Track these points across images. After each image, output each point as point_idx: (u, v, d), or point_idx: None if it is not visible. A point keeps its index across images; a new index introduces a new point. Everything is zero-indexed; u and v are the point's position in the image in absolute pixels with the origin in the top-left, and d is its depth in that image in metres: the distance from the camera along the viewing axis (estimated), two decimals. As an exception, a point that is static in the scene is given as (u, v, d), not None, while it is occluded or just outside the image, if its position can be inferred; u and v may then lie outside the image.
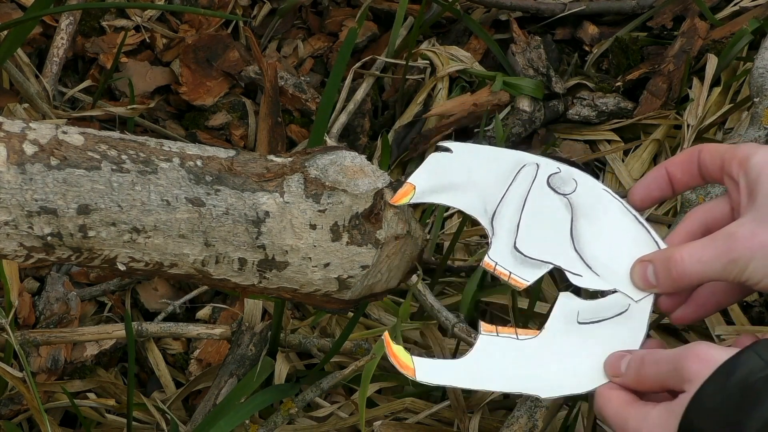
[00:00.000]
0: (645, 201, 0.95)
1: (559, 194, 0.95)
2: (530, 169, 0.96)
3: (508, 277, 0.93)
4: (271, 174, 0.90)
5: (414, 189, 0.94)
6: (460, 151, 0.97)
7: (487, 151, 0.97)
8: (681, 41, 1.72)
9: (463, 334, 1.27)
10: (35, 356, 1.37)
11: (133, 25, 1.78)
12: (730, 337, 1.34)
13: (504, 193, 0.95)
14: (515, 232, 0.94)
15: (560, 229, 0.94)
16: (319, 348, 1.35)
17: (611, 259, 0.93)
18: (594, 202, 0.95)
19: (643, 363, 0.87)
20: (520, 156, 0.97)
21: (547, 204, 0.95)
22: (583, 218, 0.94)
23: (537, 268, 0.93)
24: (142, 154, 0.87)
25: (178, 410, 1.38)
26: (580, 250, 0.94)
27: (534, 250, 0.94)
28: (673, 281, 0.89)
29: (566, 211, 0.95)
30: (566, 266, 0.93)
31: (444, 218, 1.56)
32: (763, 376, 0.79)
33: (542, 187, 0.95)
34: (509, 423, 1.17)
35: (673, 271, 0.89)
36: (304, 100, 1.69)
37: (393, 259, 0.94)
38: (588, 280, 0.93)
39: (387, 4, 1.83)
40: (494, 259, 0.94)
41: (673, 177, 0.94)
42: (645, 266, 0.91)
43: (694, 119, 1.61)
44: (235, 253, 0.89)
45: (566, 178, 0.96)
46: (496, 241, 0.94)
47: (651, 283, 0.91)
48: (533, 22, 1.80)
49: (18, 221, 0.84)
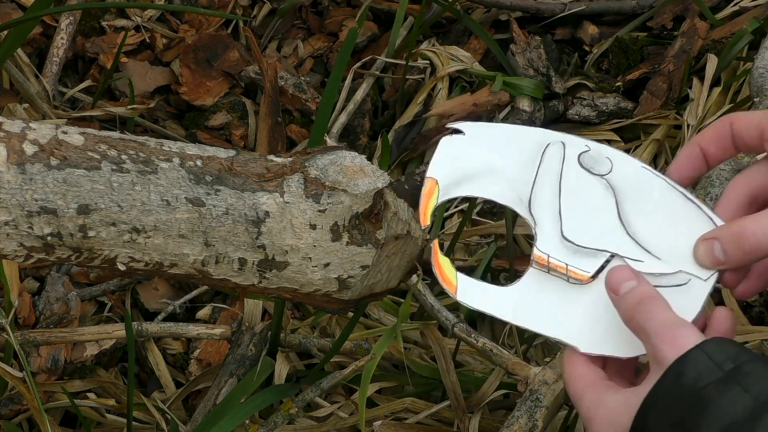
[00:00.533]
0: (682, 181, 0.91)
1: (595, 175, 0.89)
2: (557, 148, 0.90)
3: (566, 270, 0.87)
4: (271, 174, 0.90)
5: (437, 184, 0.90)
6: (475, 132, 0.91)
7: (504, 131, 0.91)
8: (681, 41, 1.72)
9: (463, 334, 1.27)
10: (35, 356, 1.37)
11: (133, 25, 1.78)
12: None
13: (534, 177, 0.89)
14: (559, 219, 0.88)
15: (607, 213, 0.88)
16: (319, 348, 1.35)
17: (669, 241, 0.87)
18: (636, 181, 0.89)
19: (640, 305, 0.83)
20: (542, 134, 0.91)
21: (585, 186, 0.89)
22: (629, 200, 0.88)
23: (593, 257, 0.87)
24: (142, 154, 0.87)
25: (178, 410, 1.38)
26: (634, 234, 0.88)
27: (585, 238, 0.88)
28: (744, 255, 0.85)
29: (608, 193, 0.89)
30: (624, 253, 0.87)
31: (444, 218, 1.56)
32: (713, 381, 0.76)
33: (575, 168, 0.89)
34: (509, 423, 1.17)
35: (746, 245, 0.85)
36: (304, 100, 1.69)
37: (393, 259, 0.94)
38: (650, 264, 0.87)
39: (387, 4, 1.83)
40: (545, 251, 0.88)
41: (707, 152, 0.90)
42: (711, 243, 0.87)
43: (694, 119, 1.61)
44: (235, 253, 0.89)
45: (598, 158, 0.90)
46: (541, 231, 0.88)
47: (719, 260, 0.87)
48: (533, 22, 1.80)
49: (18, 221, 0.84)
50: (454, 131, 0.91)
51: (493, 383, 1.30)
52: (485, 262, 1.43)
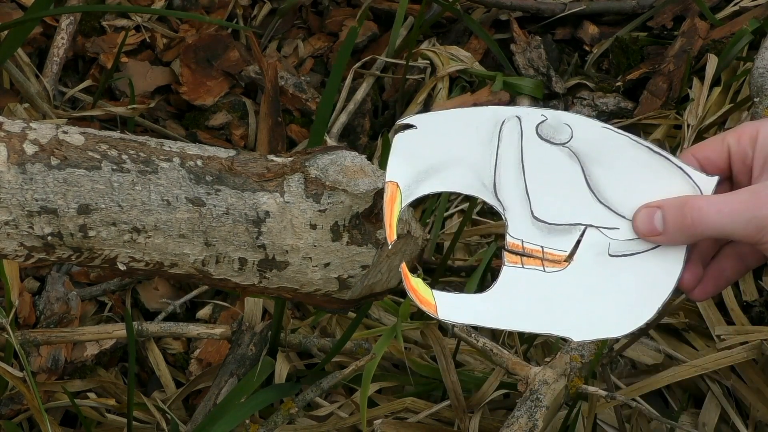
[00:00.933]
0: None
1: (557, 144, 0.85)
2: (512, 123, 0.85)
3: (542, 253, 0.84)
4: (272, 174, 0.90)
5: (398, 187, 0.86)
6: (426, 123, 0.86)
7: (456, 116, 0.86)
8: (681, 41, 1.72)
9: (464, 334, 1.27)
10: (35, 356, 1.37)
11: (133, 25, 1.78)
12: (730, 336, 1.34)
13: (495, 159, 0.85)
14: (527, 200, 0.85)
15: (574, 183, 0.85)
16: (320, 348, 1.35)
17: (643, 200, 0.85)
18: (599, 144, 0.85)
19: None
20: (493, 111, 0.86)
21: (547, 159, 0.85)
22: (595, 165, 0.85)
23: (568, 233, 0.84)
24: (142, 153, 0.87)
25: (179, 410, 1.38)
26: (605, 200, 0.85)
27: (556, 214, 0.85)
28: (684, 229, 0.83)
29: (572, 161, 0.85)
30: (598, 222, 0.84)
31: (444, 218, 1.56)
32: None
33: (534, 141, 0.85)
34: (509, 423, 1.16)
35: (688, 218, 0.83)
36: (304, 99, 1.69)
37: (393, 258, 0.94)
38: (626, 231, 0.85)
39: (387, 3, 1.83)
40: (518, 237, 0.85)
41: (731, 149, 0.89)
42: (652, 211, 0.85)
43: (694, 119, 1.61)
44: (235, 252, 0.89)
45: (557, 125, 0.85)
46: (511, 216, 0.85)
47: (656, 230, 0.84)
48: (533, 22, 1.80)
49: (18, 221, 0.84)
50: (406, 126, 0.86)
51: (493, 383, 1.30)
52: (485, 262, 1.43)
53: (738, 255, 0.88)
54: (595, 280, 0.84)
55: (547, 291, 0.85)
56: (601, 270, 0.85)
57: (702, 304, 1.40)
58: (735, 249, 0.88)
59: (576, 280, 0.85)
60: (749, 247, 0.86)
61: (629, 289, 0.84)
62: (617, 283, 0.84)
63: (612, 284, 0.84)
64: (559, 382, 1.17)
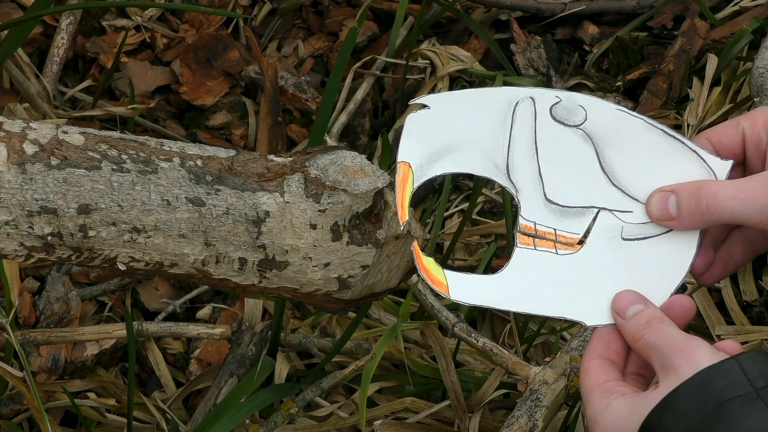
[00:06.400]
0: None
1: (570, 126, 0.85)
2: (526, 104, 0.85)
3: (555, 236, 0.84)
4: (272, 174, 0.90)
5: (410, 168, 0.85)
6: (439, 103, 0.85)
7: (470, 96, 0.86)
8: (681, 41, 1.72)
9: (464, 334, 1.27)
10: (35, 356, 1.37)
11: (133, 25, 1.78)
12: (730, 336, 1.34)
13: (508, 141, 0.85)
14: (540, 182, 0.84)
15: (588, 165, 0.84)
16: (320, 348, 1.35)
17: (657, 184, 0.84)
18: (613, 126, 0.84)
19: (649, 326, 0.81)
20: (508, 93, 0.85)
21: (561, 141, 0.84)
22: (609, 147, 0.84)
23: (581, 216, 0.84)
24: (142, 153, 0.87)
25: (179, 410, 1.38)
26: (619, 183, 0.84)
27: (569, 196, 0.84)
28: (699, 215, 0.82)
29: (586, 144, 0.84)
30: (612, 206, 0.84)
31: (444, 218, 1.56)
32: (741, 395, 0.74)
33: (549, 123, 0.85)
34: (509, 423, 1.17)
35: (703, 203, 0.82)
36: (304, 99, 1.69)
37: (393, 258, 0.94)
38: (640, 214, 0.84)
39: (387, 3, 1.83)
40: (531, 219, 0.84)
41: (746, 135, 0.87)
42: (666, 195, 0.84)
43: (695, 119, 1.61)
44: (235, 252, 0.89)
45: (571, 107, 0.85)
46: (524, 197, 0.84)
47: (670, 215, 0.83)
48: (533, 22, 1.80)
49: (18, 221, 0.84)
50: (419, 106, 0.86)
51: (493, 383, 1.30)
52: (485, 262, 1.43)
53: (747, 239, 0.88)
54: (608, 263, 0.84)
55: (559, 274, 0.84)
56: (613, 253, 0.84)
57: (702, 304, 1.40)
58: (744, 233, 0.88)
59: (588, 263, 0.84)
60: (759, 232, 0.85)
61: (642, 274, 0.84)
62: (630, 267, 0.84)
63: (625, 268, 0.84)
64: (559, 382, 1.17)
